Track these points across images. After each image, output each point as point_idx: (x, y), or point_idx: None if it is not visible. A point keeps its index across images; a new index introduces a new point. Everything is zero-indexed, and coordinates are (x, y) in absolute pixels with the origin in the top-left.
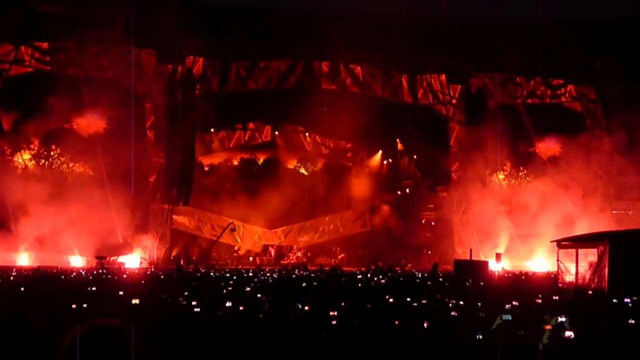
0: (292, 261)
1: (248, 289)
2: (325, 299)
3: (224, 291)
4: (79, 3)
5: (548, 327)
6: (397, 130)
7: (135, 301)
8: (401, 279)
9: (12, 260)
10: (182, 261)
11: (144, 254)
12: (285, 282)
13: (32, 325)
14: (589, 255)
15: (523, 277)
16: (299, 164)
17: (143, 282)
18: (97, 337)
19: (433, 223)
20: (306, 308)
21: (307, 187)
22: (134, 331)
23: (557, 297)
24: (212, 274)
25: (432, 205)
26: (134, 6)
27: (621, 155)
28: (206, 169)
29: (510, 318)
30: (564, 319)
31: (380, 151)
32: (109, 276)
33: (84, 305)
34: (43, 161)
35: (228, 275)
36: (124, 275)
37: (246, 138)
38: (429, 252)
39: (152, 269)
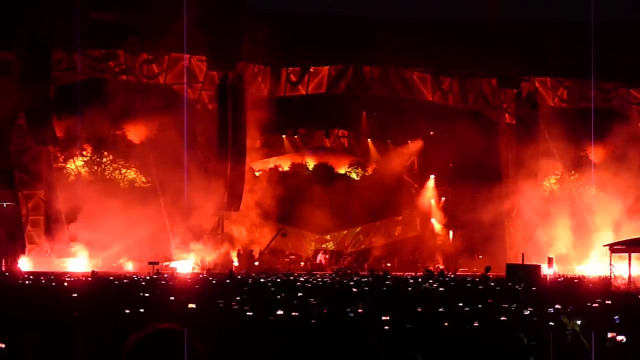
0: (343, 266)
1: (300, 294)
2: (376, 304)
3: (277, 296)
4: (129, 10)
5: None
6: (448, 133)
7: (192, 305)
8: (452, 283)
9: (66, 267)
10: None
11: (196, 259)
12: (336, 287)
13: (90, 331)
14: None
15: (576, 282)
16: (349, 169)
17: (196, 287)
18: (159, 341)
19: (484, 227)
20: (359, 312)
21: (357, 192)
22: (193, 335)
23: (609, 302)
24: (262, 279)
25: (483, 210)
26: (185, 13)
27: None
28: (257, 174)
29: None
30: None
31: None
32: (162, 281)
33: (141, 310)
34: (95, 168)
35: (279, 280)
36: (177, 281)
37: (297, 143)
38: (480, 256)
39: (205, 274)
